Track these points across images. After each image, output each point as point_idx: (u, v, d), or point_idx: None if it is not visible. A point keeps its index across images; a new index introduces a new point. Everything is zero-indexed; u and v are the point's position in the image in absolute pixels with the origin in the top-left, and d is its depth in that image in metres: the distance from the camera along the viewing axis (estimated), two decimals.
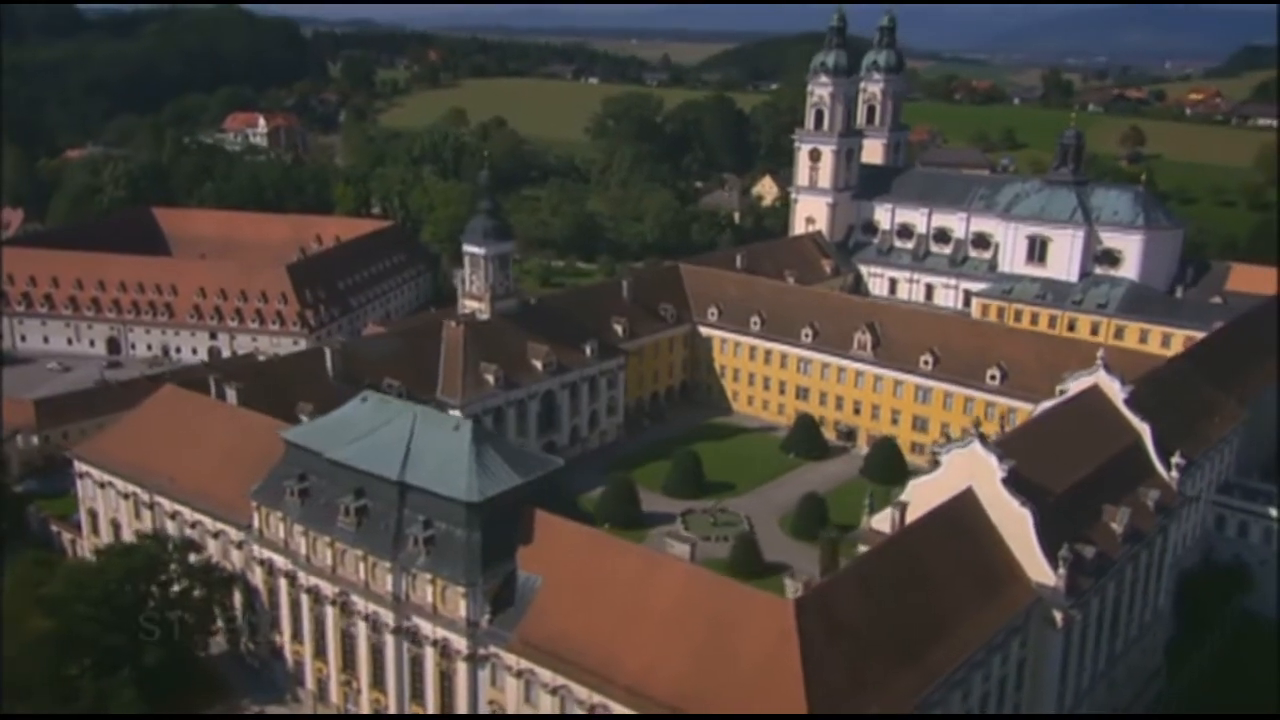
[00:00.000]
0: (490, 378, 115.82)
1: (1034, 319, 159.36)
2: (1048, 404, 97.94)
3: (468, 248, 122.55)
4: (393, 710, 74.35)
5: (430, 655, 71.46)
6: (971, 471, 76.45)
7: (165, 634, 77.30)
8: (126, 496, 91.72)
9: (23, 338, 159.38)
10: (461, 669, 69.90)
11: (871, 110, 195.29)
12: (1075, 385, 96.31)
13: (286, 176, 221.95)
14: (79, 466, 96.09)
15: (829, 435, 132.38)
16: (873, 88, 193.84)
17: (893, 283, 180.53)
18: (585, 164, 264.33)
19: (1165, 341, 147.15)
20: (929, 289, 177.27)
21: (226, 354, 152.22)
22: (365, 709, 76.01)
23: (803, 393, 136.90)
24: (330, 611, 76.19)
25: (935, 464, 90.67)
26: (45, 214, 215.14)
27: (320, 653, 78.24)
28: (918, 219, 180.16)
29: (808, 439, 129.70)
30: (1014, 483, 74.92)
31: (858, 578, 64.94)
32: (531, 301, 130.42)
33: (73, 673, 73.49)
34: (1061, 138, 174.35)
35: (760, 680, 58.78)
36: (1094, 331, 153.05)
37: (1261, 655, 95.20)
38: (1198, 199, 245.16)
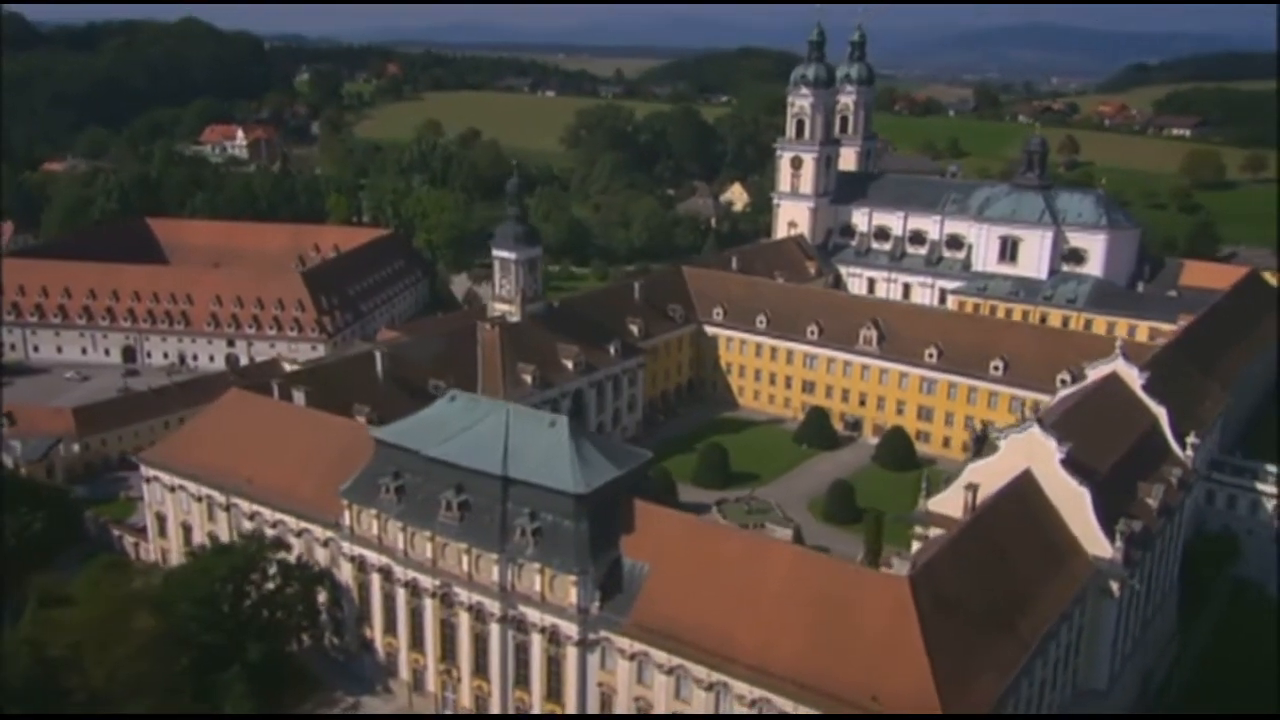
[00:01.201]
0: (528, 378, 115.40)
1: (1008, 314, 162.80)
2: (1066, 391, 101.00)
3: (498, 252, 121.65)
4: (495, 696, 73.89)
5: (537, 642, 71.18)
6: (1029, 454, 78.46)
7: (266, 631, 76.08)
8: (200, 499, 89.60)
9: (35, 348, 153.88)
10: (571, 654, 69.78)
11: (844, 120, 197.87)
12: (1094, 373, 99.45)
13: (278, 187, 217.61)
14: (146, 471, 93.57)
15: (835, 426, 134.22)
16: (845, 99, 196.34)
17: (871, 282, 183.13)
18: (563, 173, 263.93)
19: (1131, 333, 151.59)
20: (906, 288, 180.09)
21: (244, 361, 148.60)
22: (466, 697, 75.40)
23: (809, 386, 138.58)
24: (430, 604, 75.38)
25: (974, 449, 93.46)
26: (36, 226, 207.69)
27: (417, 644, 77.31)
28: (894, 222, 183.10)
29: (819, 430, 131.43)
30: (1071, 464, 77.31)
31: (954, 555, 66.31)
32: (555, 304, 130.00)
33: (174, 671, 71.79)
34: (1028, 145, 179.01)
35: (881, 653, 59.89)
36: (1065, 325, 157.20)
37: (1255, 617, 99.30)
38: (1131, 203, 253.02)
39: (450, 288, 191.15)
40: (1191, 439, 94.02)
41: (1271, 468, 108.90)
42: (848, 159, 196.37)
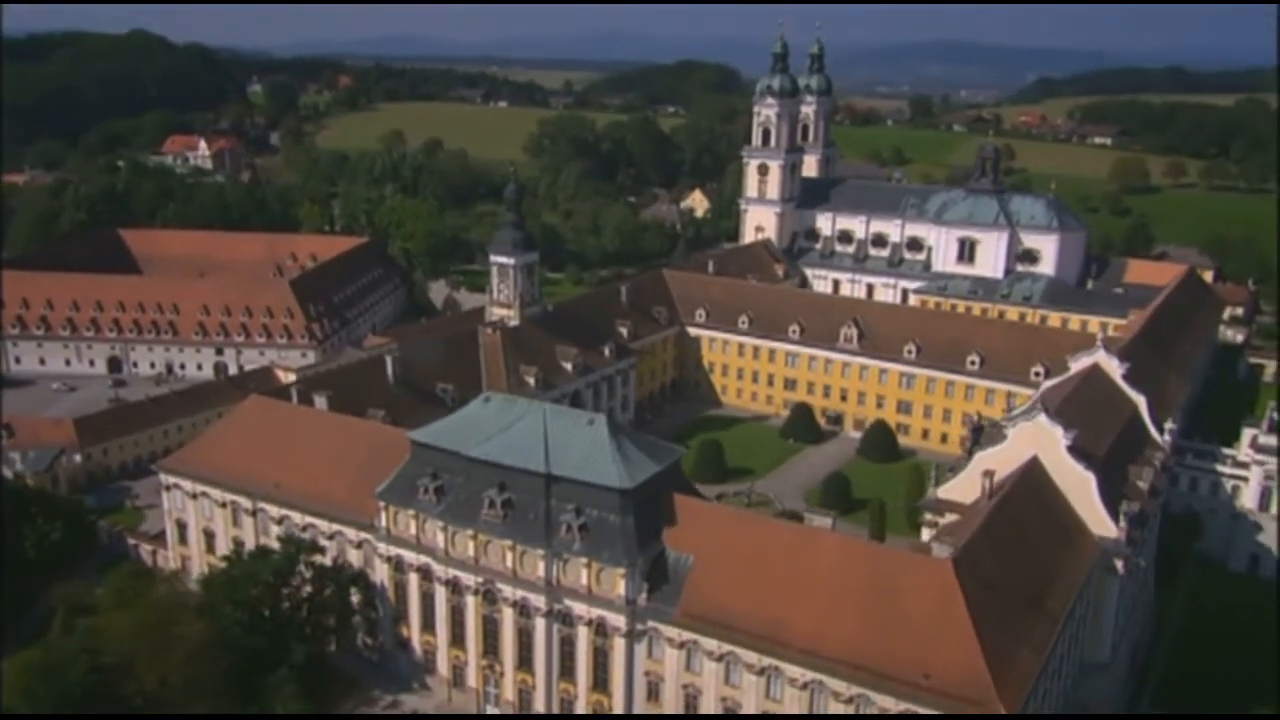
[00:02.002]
0: (531, 379, 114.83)
1: (968, 312, 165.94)
2: (1050, 382, 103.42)
3: (496, 258, 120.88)
4: (540, 689, 73.48)
5: (583, 634, 71.02)
6: (1035, 441, 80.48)
7: (308, 632, 74.75)
8: (224, 505, 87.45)
9: (17, 360, 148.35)
10: (618, 645, 69.77)
11: (805, 129, 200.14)
12: (1076, 364, 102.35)
13: (250, 196, 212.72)
14: (166, 478, 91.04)
15: (818, 421, 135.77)
16: (805, 109, 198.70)
17: (836, 284, 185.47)
18: (529, 181, 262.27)
19: (1083, 328, 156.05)
20: (869, 288, 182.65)
21: (233, 369, 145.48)
22: (509, 690, 74.85)
23: (790, 384, 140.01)
24: (471, 600, 74.69)
25: (972, 439, 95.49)
26: (2, 238, 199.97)
27: (457, 640, 76.50)
28: (856, 225, 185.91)
29: (805, 426, 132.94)
30: (1076, 450, 79.51)
31: (985, 538, 67.65)
32: (549, 308, 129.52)
33: (220, 674, 70.09)
34: (981, 152, 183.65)
35: (931, 632, 60.99)
36: (1022, 321, 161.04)
37: (1221, 591, 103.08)
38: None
39: (428, 294, 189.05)
40: (1169, 424, 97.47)
41: (1228, 450, 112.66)
42: (808, 166, 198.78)
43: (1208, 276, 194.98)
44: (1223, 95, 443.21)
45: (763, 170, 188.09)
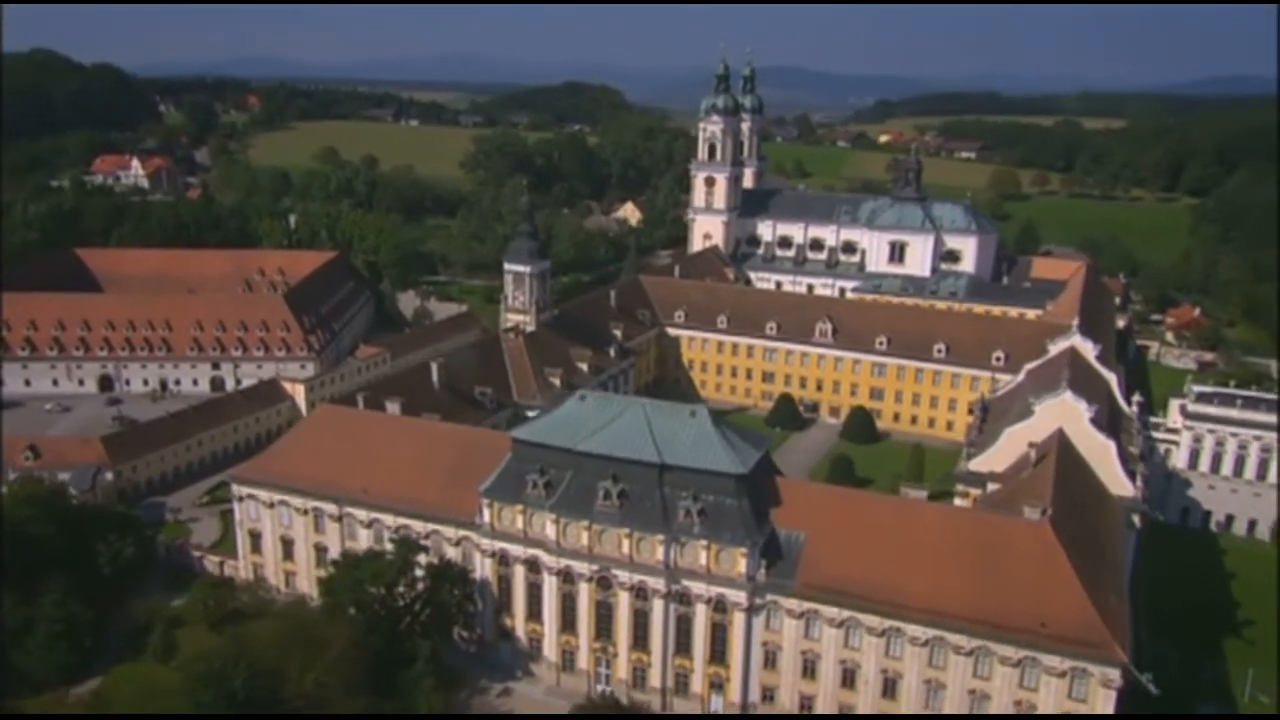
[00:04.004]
0: (556, 380, 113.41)
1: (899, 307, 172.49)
2: (1033, 364, 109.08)
3: (512, 266, 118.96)
4: (656, 666, 73.00)
5: (701, 612, 70.91)
6: (1060, 415, 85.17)
7: (418, 629, 72.12)
8: (305, 512, 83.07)
9: (0, 382, 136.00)
10: (738, 619, 70.01)
11: (740, 145, 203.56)
12: (1055, 348, 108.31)
13: (205, 214, 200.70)
14: (238, 490, 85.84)
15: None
16: (741, 126, 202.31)
17: (778, 285, 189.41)
18: (470, 195, 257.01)
19: (1005, 316, 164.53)
20: (809, 288, 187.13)
21: (230, 383, 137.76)
22: (623, 670, 73.98)
23: (768, 377, 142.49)
24: (585, 588, 73.47)
25: (980, 417, 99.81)
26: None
27: (568, 626, 75.08)
28: (795, 231, 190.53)
29: (788, 415, 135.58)
30: (1096, 421, 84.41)
31: (1060, 500, 71.05)
32: (556, 313, 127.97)
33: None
34: (905, 164, 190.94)
35: (1040, 586, 63.71)
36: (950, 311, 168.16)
37: (1161, 537, 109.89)
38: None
39: (398, 305, 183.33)
40: (1137, 398, 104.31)
41: (1156, 419, 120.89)
42: (745, 178, 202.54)
43: None
44: (1039, 117, 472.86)
45: (709, 182, 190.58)
